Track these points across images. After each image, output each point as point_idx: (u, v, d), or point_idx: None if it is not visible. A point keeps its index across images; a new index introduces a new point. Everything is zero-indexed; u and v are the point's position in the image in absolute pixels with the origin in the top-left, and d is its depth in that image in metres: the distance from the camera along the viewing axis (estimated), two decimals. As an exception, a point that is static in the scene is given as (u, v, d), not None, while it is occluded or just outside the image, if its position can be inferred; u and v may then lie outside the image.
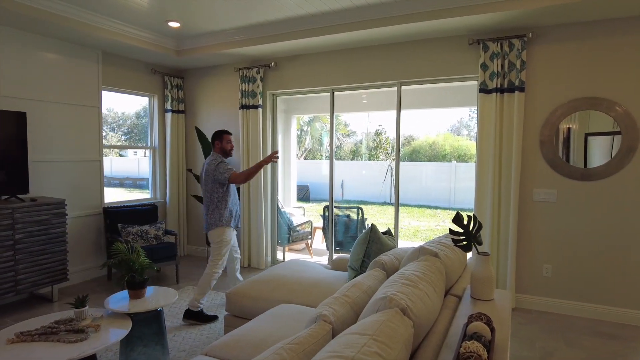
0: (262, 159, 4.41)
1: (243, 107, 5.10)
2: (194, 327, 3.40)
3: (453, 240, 1.93)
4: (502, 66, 3.77)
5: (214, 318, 3.55)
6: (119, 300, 2.62)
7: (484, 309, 1.82)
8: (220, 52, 4.75)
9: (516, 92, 3.72)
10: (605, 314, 3.62)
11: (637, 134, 3.48)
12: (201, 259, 5.58)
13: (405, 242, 7.48)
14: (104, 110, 4.86)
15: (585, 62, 3.61)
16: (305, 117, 14.33)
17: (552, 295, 3.80)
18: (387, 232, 3.05)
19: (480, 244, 1.91)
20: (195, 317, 3.49)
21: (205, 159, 5.27)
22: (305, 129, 14.99)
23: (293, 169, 7.01)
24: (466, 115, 14.59)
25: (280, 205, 5.62)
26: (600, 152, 3.64)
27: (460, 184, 11.58)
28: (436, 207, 11.69)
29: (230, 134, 3.65)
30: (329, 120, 5.06)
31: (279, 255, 5.51)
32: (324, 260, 5.44)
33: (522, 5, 3.29)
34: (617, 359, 2.94)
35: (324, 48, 4.60)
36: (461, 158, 13.33)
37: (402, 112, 4.50)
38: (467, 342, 1.33)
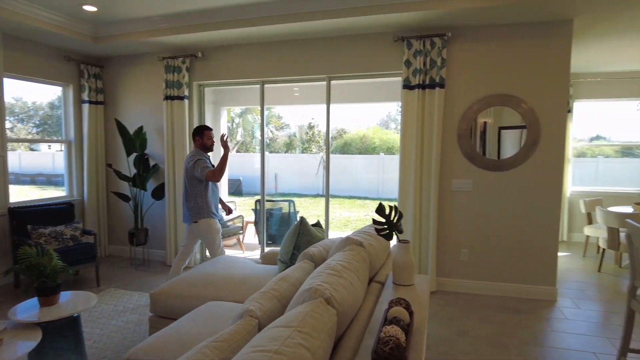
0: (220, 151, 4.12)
1: (168, 98, 4.87)
2: (117, 332, 3.22)
3: (376, 229, 2.02)
4: (425, 63, 3.97)
5: None
6: (28, 309, 2.40)
7: (404, 294, 1.93)
8: (143, 40, 4.47)
9: (437, 89, 3.95)
10: (512, 291, 4.00)
11: (539, 129, 3.86)
12: (124, 259, 5.27)
13: (336, 233, 7.66)
14: (9, 99, 4.37)
15: (497, 61, 3.92)
16: (237, 109, 14.03)
17: (468, 277, 4.12)
18: (317, 224, 3.11)
19: (401, 232, 2.02)
20: None
21: (126, 153, 4.97)
22: (237, 121, 14.68)
23: (223, 163, 6.83)
24: (394, 109, 15.21)
25: (210, 200, 5.47)
26: (511, 145, 3.99)
27: (387, 176, 12.11)
28: (366, 198, 12.10)
29: (210, 129, 3.77)
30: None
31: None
32: (256, 254, 5.40)
33: (441, 6, 3.49)
34: (521, 330, 3.27)
35: (254, 39, 4.52)
36: (389, 151, 13.90)
37: (334, 106, 4.58)
38: (387, 326, 1.41)
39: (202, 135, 3.71)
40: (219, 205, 4.02)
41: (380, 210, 1.99)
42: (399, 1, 3.57)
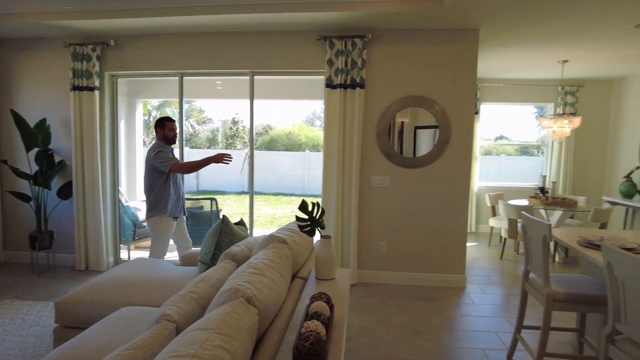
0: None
1: (75, 88, 4.46)
2: (15, 347, 2.89)
3: (299, 226, 2.04)
4: (346, 63, 4.08)
5: None
6: None
7: (326, 288, 1.98)
8: (44, 22, 4.04)
9: (357, 89, 4.08)
10: (427, 280, 4.29)
11: (450, 129, 4.17)
12: (24, 266, 4.74)
13: (261, 231, 7.60)
14: None
15: (413, 64, 4.15)
16: (154, 102, 13.28)
17: (387, 269, 4.33)
18: (240, 223, 3.06)
19: (323, 228, 2.06)
20: None
21: (26, 148, 4.47)
22: (154, 114, 13.90)
23: (139, 159, 6.44)
24: (319, 107, 15.43)
25: (123, 199, 5.12)
26: (426, 143, 4.25)
27: (313, 172, 12.28)
28: (292, 195, 12.16)
29: (172, 121, 3.66)
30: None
31: (124, 255, 5.04)
32: (175, 256, 5.16)
33: (360, 8, 3.60)
34: (433, 316, 3.52)
35: (173, 29, 4.30)
36: (315, 147, 14.09)
37: (258, 101, 4.52)
38: (308, 322, 1.43)
39: (163, 127, 3.61)
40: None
41: (303, 207, 2.01)
42: (321, 0, 3.62)
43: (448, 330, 3.28)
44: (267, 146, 14.70)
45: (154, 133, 3.68)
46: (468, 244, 5.78)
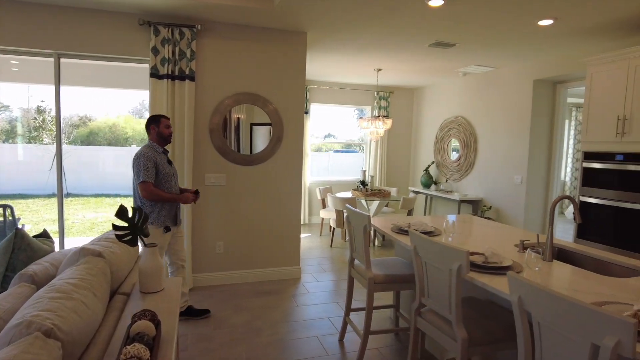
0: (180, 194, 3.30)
1: None
2: None
3: (117, 236, 1.79)
4: (174, 53, 3.79)
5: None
6: None
7: (152, 302, 1.79)
8: None
9: (187, 81, 3.84)
10: (265, 275, 4.35)
11: (282, 128, 4.29)
12: None
13: (78, 240, 6.58)
14: None
15: (246, 61, 4.11)
16: None
17: (224, 269, 4.23)
18: (43, 234, 2.55)
19: (146, 235, 1.85)
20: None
21: None
22: None
23: None
24: (147, 97, 14.16)
25: None
26: (262, 140, 4.27)
27: (142, 170, 11.20)
28: (117, 195, 10.86)
29: (167, 118, 3.23)
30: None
31: None
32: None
33: (189, -3, 3.38)
34: (272, 311, 3.60)
35: None
36: (144, 141, 12.89)
37: (70, 88, 3.85)
38: (128, 346, 1.25)
39: (157, 124, 3.17)
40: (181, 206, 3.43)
41: (121, 213, 1.77)
42: (144, -19, 3.27)
43: (286, 322, 3.39)
44: (86, 140, 12.79)
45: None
46: (302, 235, 6.09)
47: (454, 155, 6.76)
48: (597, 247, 3.68)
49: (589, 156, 3.86)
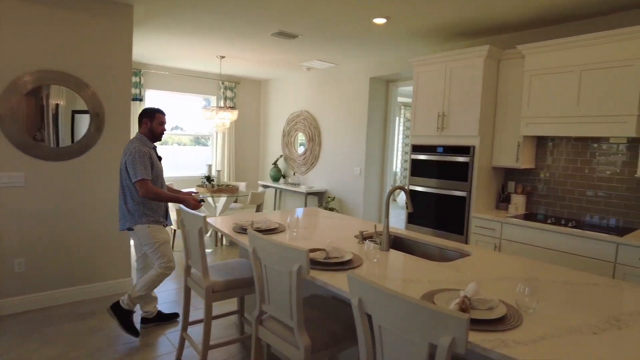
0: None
1: None
2: None
3: None
4: None
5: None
6: None
7: None
8: None
9: (-42, 51, 2.90)
10: (86, 293, 3.63)
11: (104, 116, 3.61)
12: None
13: None
14: None
15: (55, 32, 3.31)
16: None
17: (29, 291, 3.38)
18: None
19: None
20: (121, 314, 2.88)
21: None
22: None
23: None
24: None
25: None
26: (82, 131, 3.55)
27: None
28: None
29: (163, 113, 3.03)
30: None
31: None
32: None
33: None
34: (95, 335, 2.98)
35: None
36: None
37: None
38: None
39: (151, 118, 2.95)
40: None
41: None
42: None
43: (112, 347, 2.83)
44: None
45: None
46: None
47: (301, 149, 6.85)
48: (424, 230, 4.07)
49: (416, 149, 4.24)
